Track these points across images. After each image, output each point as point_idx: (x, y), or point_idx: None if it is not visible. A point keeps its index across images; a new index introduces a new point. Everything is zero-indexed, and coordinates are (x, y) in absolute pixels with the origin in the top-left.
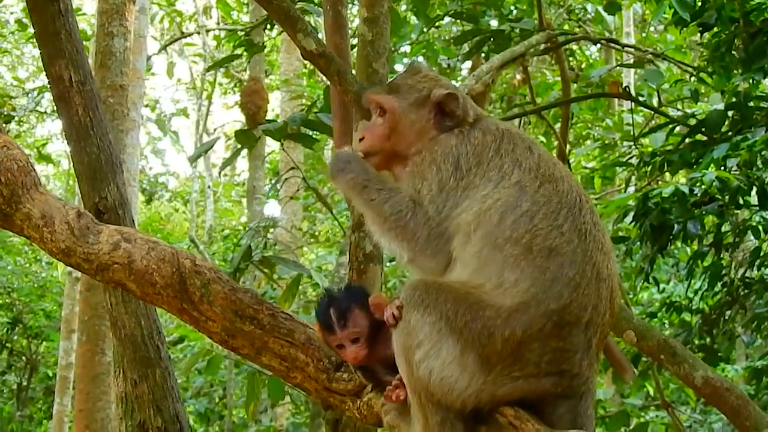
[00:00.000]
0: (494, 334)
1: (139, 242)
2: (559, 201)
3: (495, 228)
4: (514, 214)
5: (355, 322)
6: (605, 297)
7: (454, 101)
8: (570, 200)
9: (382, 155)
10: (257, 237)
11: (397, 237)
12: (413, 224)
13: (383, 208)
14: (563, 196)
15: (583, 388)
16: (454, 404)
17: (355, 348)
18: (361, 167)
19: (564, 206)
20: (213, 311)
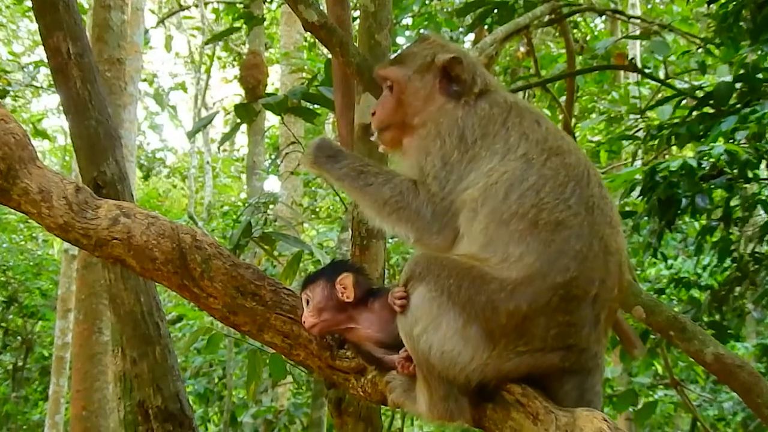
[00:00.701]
0: (498, 307)
1: (139, 217)
2: (566, 174)
3: (501, 203)
4: (520, 188)
5: (313, 288)
6: (613, 271)
7: (459, 65)
8: (577, 173)
9: (394, 129)
10: (257, 213)
11: (401, 219)
12: (416, 204)
13: (382, 192)
14: (570, 169)
15: (591, 363)
16: (457, 378)
17: (306, 311)
18: (353, 155)
19: (571, 179)
20: (214, 287)
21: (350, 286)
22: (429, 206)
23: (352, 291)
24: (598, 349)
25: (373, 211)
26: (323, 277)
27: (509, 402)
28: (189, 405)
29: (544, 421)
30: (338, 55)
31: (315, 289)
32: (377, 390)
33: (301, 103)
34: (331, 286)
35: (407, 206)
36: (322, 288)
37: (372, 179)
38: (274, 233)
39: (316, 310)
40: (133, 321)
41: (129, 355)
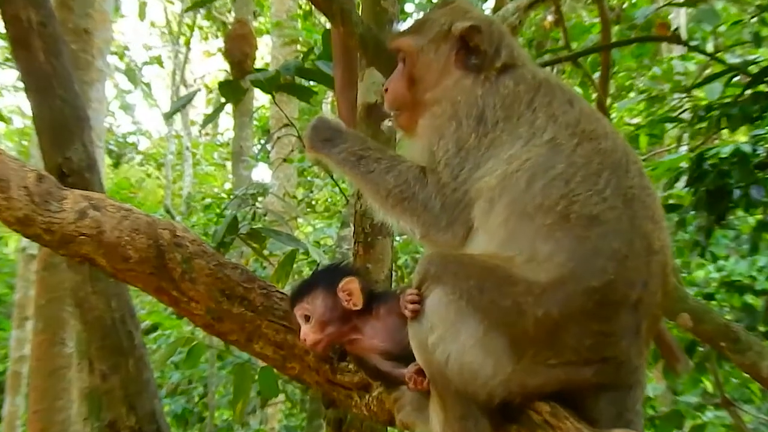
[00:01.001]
0: (526, 313)
1: (110, 210)
2: (601, 162)
3: (522, 194)
4: (545, 177)
5: (311, 300)
6: (656, 273)
7: (478, 34)
8: (614, 160)
9: (407, 108)
10: (244, 206)
11: (405, 211)
12: (423, 195)
13: (385, 180)
14: (606, 155)
15: (630, 378)
16: (477, 395)
17: (305, 329)
18: (353, 135)
19: (606, 167)
20: (196, 290)
21: (357, 291)
22: (438, 197)
23: (359, 297)
24: (639, 362)
25: (375, 201)
26: (321, 284)
27: (536, 423)
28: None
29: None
30: (339, 25)
31: (315, 301)
32: (384, 408)
33: (295, 80)
34: (332, 294)
35: (412, 197)
36: (323, 298)
37: (373, 165)
38: (264, 229)
39: (320, 325)
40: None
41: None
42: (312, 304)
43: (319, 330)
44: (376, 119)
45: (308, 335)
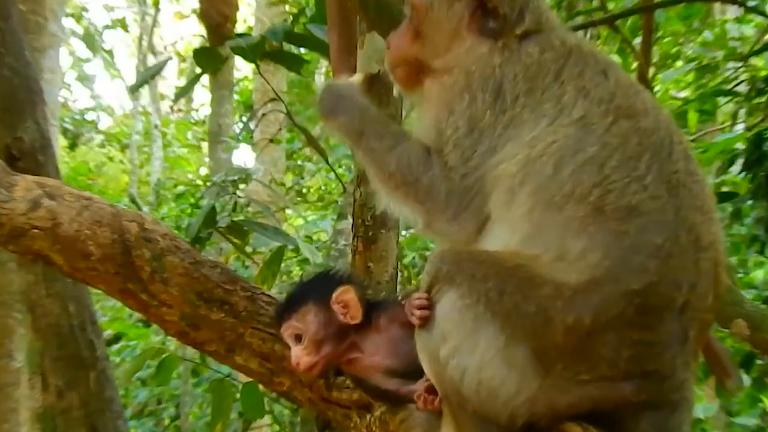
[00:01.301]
0: (554, 320)
1: (68, 199)
2: (640, 143)
3: (549, 181)
4: (574, 161)
5: (301, 316)
6: (706, 272)
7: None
8: (655, 141)
9: (406, 66)
10: (223, 195)
11: (408, 197)
12: (427, 179)
13: (387, 160)
14: (646, 135)
15: (676, 395)
16: (498, 417)
17: (297, 350)
18: (356, 105)
19: (647, 149)
20: (168, 293)
21: (354, 302)
22: (443, 183)
23: (357, 308)
24: (686, 376)
25: (379, 182)
26: (312, 297)
27: None
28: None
29: None
30: None
31: (306, 317)
32: (388, 431)
33: (283, 47)
34: (326, 307)
35: (416, 181)
36: (315, 312)
37: (375, 143)
38: (247, 222)
39: (314, 345)
40: (59, 338)
41: (53, 385)
42: (303, 320)
43: (314, 351)
44: (378, 92)
45: (301, 358)
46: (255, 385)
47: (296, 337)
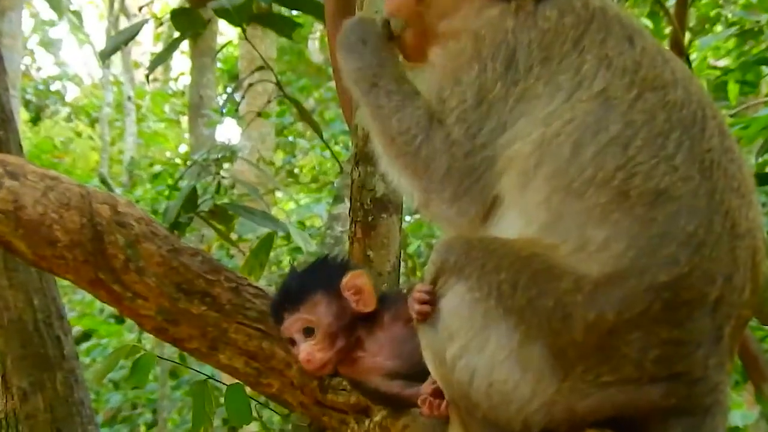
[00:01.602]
0: (573, 316)
1: (32, 179)
2: (668, 118)
3: (567, 164)
4: (595, 142)
5: (311, 306)
6: (744, 263)
7: None
8: (686, 117)
9: (414, 33)
10: (205, 175)
11: (406, 168)
12: (426, 151)
13: (391, 122)
14: (674, 110)
15: (708, 399)
16: (511, 423)
17: (309, 346)
18: (378, 54)
19: (676, 126)
20: (144, 283)
21: (368, 287)
22: (445, 158)
23: (371, 294)
24: (720, 378)
25: (381, 146)
26: (320, 284)
27: None
28: None
29: None
30: None
31: (318, 307)
32: None
33: (272, 8)
34: (337, 295)
35: (416, 152)
36: (327, 302)
37: (384, 100)
38: (232, 206)
39: (328, 338)
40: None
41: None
42: (314, 311)
43: (328, 345)
44: None
45: (313, 354)
46: (241, 388)
47: (306, 331)
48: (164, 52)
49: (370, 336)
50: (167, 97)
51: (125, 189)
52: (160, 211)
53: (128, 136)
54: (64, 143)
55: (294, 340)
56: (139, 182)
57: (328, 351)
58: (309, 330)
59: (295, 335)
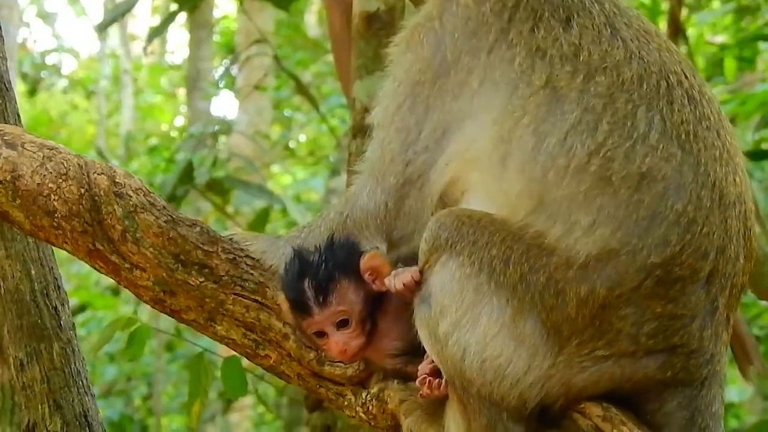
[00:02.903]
0: (565, 291)
1: (30, 148)
2: (629, 98)
3: (534, 154)
4: (556, 131)
5: (342, 296)
6: (735, 232)
7: None
8: (648, 91)
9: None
10: (202, 148)
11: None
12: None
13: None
14: (633, 88)
15: (705, 370)
16: (506, 399)
17: (344, 336)
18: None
19: (640, 103)
20: (142, 254)
21: (387, 267)
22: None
23: (391, 273)
24: (716, 349)
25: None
26: (342, 270)
27: (584, 430)
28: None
29: None
30: None
31: (347, 296)
32: (386, 411)
33: None
34: (358, 279)
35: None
36: (354, 288)
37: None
38: (228, 179)
39: (360, 325)
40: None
41: (13, 357)
42: (346, 301)
43: (362, 332)
44: (377, 32)
45: (349, 344)
46: (237, 361)
47: (341, 322)
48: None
49: (381, 315)
50: (164, 70)
51: (122, 161)
52: (156, 184)
53: (125, 109)
54: (61, 116)
55: (322, 332)
56: (135, 155)
57: (362, 337)
58: (344, 321)
59: (327, 328)
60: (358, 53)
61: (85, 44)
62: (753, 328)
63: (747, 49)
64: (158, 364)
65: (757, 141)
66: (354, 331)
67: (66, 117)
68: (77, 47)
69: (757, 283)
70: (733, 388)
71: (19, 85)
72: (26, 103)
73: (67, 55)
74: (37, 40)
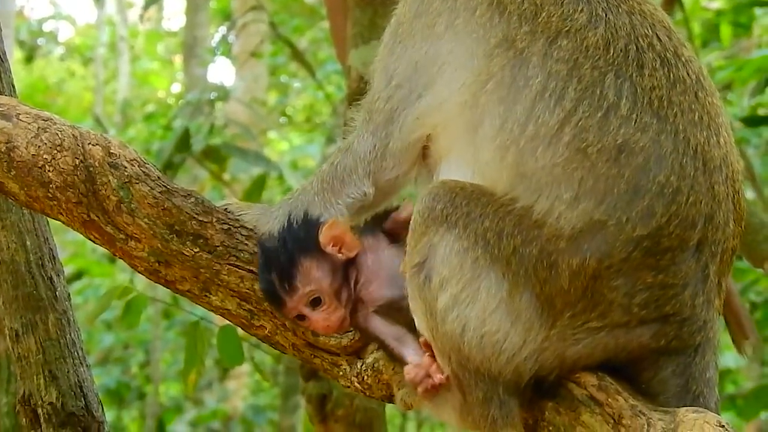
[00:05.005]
0: (557, 263)
1: (24, 119)
2: (594, 65)
3: (503, 122)
4: (522, 98)
5: (306, 276)
6: (723, 196)
7: None
8: (614, 56)
9: None
10: (198, 116)
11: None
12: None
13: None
14: (599, 53)
15: (698, 337)
16: (503, 373)
17: (321, 313)
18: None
19: (606, 71)
20: (137, 225)
21: (347, 234)
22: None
23: (352, 239)
24: (708, 316)
25: None
26: (300, 251)
27: (579, 399)
28: (98, 401)
29: (630, 428)
30: None
31: (307, 273)
32: (381, 381)
33: None
34: (320, 253)
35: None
36: (317, 265)
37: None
38: (225, 146)
39: (334, 298)
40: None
41: (9, 328)
42: (311, 280)
43: (338, 303)
44: (372, 1)
45: (330, 319)
46: (233, 330)
47: (314, 302)
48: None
49: (362, 266)
50: (161, 37)
51: (119, 129)
52: (153, 151)
53: (121, 76)
54: (58, 83)
55: (302, 315)
56: (132, 122)
57: (340, 309)
58: (316, 300)
59: (303, 310)
60: (354, 21)
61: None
62: (750, 294)
63: (743, 15)
64: (155, 331)
65: (753, 107)
66: (329, 306)
67: (63, 84)
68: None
69: (752, 250)
70: (729, 354)
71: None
72: (23, 71)
73: (64, 23)
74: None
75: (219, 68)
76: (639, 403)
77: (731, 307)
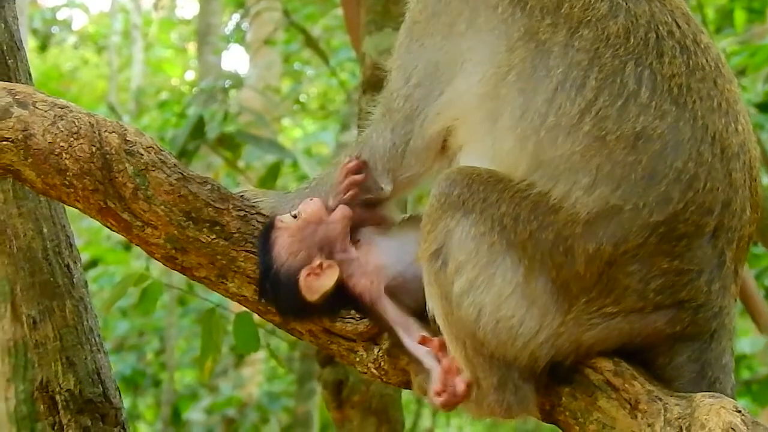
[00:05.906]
0: (573, 248)
1: (41, 107)
2: (615, 53)
3: (522, 112)
4: (543, 88)
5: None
6: (740, 183)
7: None
8: (635, 45)
9: None
10: (212, 103)
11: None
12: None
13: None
14: (619, 42)
15: (713, 323)
16: (518, 358)
17: (310, 205)
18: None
19: (627, 60)
20: (153, 212)
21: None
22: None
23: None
24: (724, 302)
25: None
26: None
27: (595, 384)
28: (115, 388)
29: (646, 413)
30: None
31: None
32: (397, 367)
33: None
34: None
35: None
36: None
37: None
38: (239, 133)
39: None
40: (32, 263)
41: (25, 314)
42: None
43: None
44: None
45: (310, 207)
46: (249, 316)
47: None
48: None
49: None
50: (174, 24)
51: (132, 116)
52: (167, 139)
53: (135, 64)
54: (71, 71)
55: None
56: (146, 110)
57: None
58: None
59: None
60: (368, 8)
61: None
62: (765, 279)
63: (757, 1)
64: (170, 318)
65: (766, 92)
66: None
67: (77, 72)
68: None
69: (765, 231)
70: (745, 339)
71: (30, 41)
72: (37, 59)
73: (77, 11)
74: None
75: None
76: (655, 388)
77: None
